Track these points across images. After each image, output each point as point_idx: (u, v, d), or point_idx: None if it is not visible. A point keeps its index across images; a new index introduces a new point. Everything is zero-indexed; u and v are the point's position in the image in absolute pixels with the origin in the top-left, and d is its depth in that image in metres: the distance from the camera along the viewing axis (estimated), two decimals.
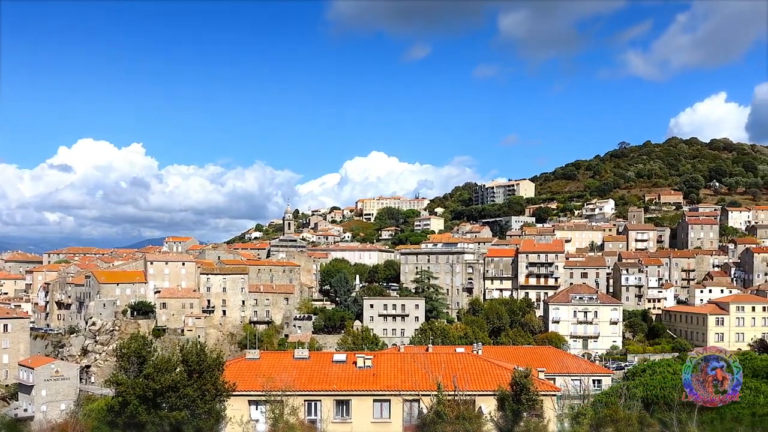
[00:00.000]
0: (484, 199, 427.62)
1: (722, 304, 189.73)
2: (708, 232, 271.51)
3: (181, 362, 52.26)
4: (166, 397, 49.25)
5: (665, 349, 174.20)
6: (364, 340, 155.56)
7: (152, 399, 49.42)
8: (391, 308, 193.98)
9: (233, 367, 61.44)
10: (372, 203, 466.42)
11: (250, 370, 61.59)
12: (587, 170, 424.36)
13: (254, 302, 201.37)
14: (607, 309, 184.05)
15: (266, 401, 55.27)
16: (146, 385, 49.47)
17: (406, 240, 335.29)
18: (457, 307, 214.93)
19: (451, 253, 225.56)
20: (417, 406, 57.36)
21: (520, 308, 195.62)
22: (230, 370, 58.83)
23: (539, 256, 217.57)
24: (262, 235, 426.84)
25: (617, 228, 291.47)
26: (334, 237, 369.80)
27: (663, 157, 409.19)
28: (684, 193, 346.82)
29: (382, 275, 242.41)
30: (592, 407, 61.45)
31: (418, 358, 63.99)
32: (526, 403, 53.78)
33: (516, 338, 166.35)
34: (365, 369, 62.10)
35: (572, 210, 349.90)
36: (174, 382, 49.67)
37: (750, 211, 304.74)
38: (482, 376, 61.28)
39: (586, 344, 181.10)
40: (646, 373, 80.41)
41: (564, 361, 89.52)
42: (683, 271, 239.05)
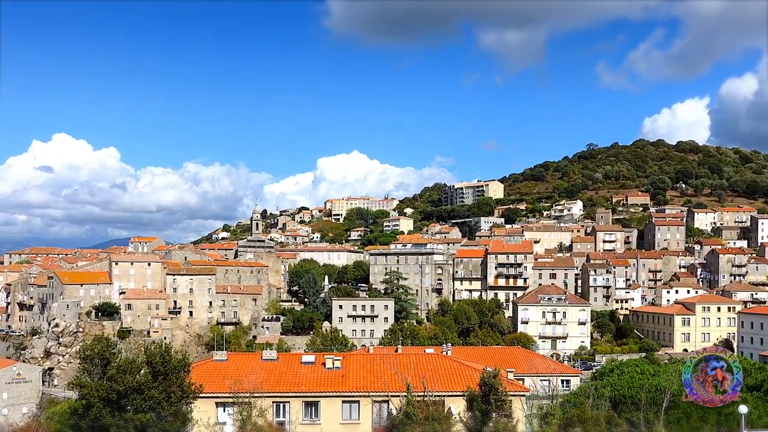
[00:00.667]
0: (453, 199, 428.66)
1: (688, 305, 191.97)
2: (674, 233, 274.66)
3: (146, 364, 51.25)
4: (131, 399, 48.22)
5: (633, 350, 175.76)
6: (333, 341, 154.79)
7: (116, 401, 48.34)
8: (361, 309, 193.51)
9: (200, 369, 60.60)
10: (341, 203, 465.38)
11: (217, 372, 60.74)
12: (556, 171, 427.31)
13: (221, 303, 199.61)
14: (575, 309, 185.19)
15: (234, 403, 54.50)
16: (110, 387, 48.36)
17: (375, 241, 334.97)
18: (427, 307, 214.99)
19: (420, 254, 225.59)
20: (386, 407, 57.03)
21: (489, 309, 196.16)
22: (197, 371, 57.92)
23: (508, 256, 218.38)
24: (229, 236, 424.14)
25: (585, 229, 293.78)
26: (303, 237, 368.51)
27: (630, 159, 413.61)
28: (651, 194, 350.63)
29: (351, 276, 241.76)
30: (561, 407, 61.53)
31: (387, 359, 63.61)
32: (494, 403, 53.59)
33: (485, 339, 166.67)
34: (334, 370, 61.60)
35: (541, 211, 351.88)
36: (139, 384, 48.65)
37: (715, 212, 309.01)
38: (451, 377, 61.18)
39: (555, 344, 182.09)
40: (614, 373, 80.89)
41: (533, 362, 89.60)
42: (650, 272, 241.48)
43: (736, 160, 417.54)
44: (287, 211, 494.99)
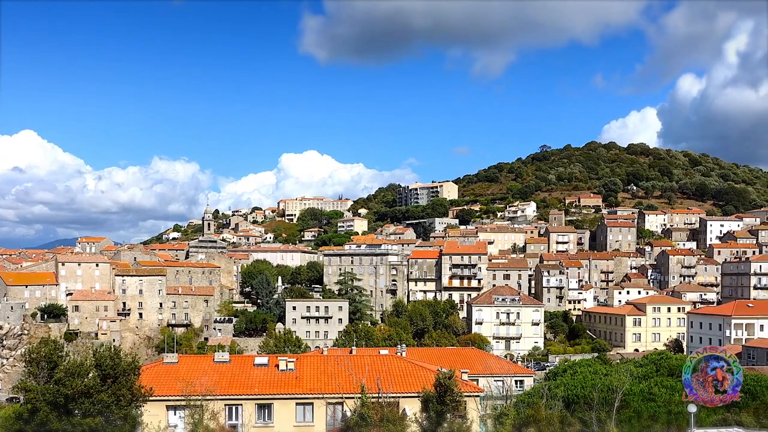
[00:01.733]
0: (407, 200, 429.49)
1: (639, 305, 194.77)
2: (626, 234, 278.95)
3: (95, 367, 50.09)
4: (79, 403, 47.12)
5: (585, 350, 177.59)
6: (287, 343, 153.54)
7: (64, 405, 47.18)
8: (314, 310, 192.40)
9: (150, 372, 59.50)
10: (294, 204, 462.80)
11: (168, 375, 59.73)
12: (510, 173, 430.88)
13: (172, 305, 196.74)
14: (529, 310, 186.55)
15: (185, 406, 53.55)
16: (57, 391, 47.13)
17: (329, 241, 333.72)
18: (381, 308, 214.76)
19: (374, 255, 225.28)
20: (340, 409, 56.73)
21: (443, 310, 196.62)
22: (147, 374, 56.86)
23: (462, 257, 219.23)
24: (180, 236, 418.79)
25: (539, 230, 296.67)
26: (256, 238, 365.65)
27: (583, 161, 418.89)
28: (603, 196, 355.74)
29: (304, 277, 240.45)
30: (515, 407, 61.74)
31: (341, 361, 63.30)
32: (449, 404, 53.60)
33: (440, 340, 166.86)
34: (288, 372, 60.98)
35: (495, 212, 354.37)
36: (87, 388, 47.53)
37: (665, 214, 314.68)
38: (406, 378, 61.09)
39: (509, 345, 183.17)
40: (567, 373, 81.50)
41: (487, 362, 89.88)
42: (602, 273, 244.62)
43: (685, 162, 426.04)
44: (239, 212, 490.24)
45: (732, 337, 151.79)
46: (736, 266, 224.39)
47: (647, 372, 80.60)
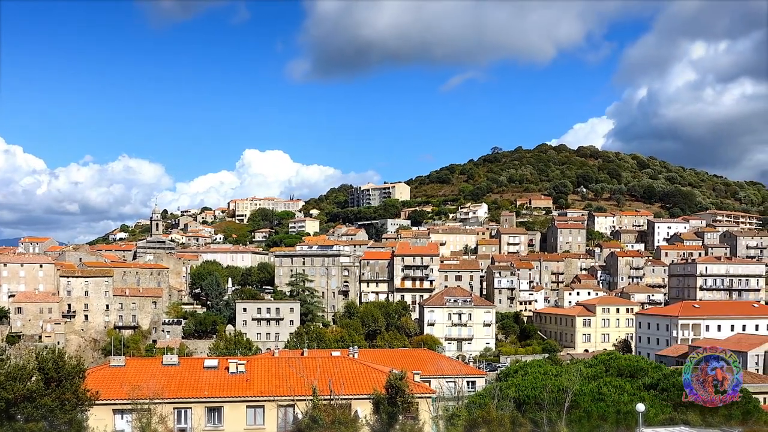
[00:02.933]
0: (359, 201, 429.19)
1: (589, 306, 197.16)
2: (576, 236, 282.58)
3: (38, 370, 48.82)
4: (21, 407, 45.88)
5: (536, 350, 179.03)
6: (237, 345, 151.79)
7: (5, 410, 45.92)
8: (265, 312, 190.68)
9: (96, 375, 58.45)
10: (245, 204, 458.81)
11: (114, 378, 58.75)
12: (461, 174, 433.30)
13: (119, 306, 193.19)
14: (480, 311, 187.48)
15: (132, 410, 52.88)
16: None
17: (280, 242, 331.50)
18: (333, 310, 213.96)
19: (326, 256, 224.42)
20: (292, 411, 56.50)
21: (395, 311, 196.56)
22: (93, 377, 55.82)
23: (415, 259, 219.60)
24: (127, 236, 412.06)
25: (490, 232, 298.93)
26: (205, 238, 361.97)
27: (534, 163, 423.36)
28: (553, 198, 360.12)
29: (255, 278, 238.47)
30: (466, 408, 61.71)
31: (292, 363, 62.96)
32: (401, 405, 53.59)
33: (392, 341, 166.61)
34: (238, 374, 60.49)
35: (447, 213, 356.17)
36: (30, 392, 46.36)
37: (614, 216, 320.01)
38: (358, 380, 61.20)
39: (461, 346, 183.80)
40: (518, 373, 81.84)
41: (439, 363, 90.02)
42: (553, 274, 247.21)
43: (634, 165, 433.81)
44: (189, 212, 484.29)
45: (679, 337, 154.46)
46: (682, 268, 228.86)
47: (597, 372, 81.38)
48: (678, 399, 70.68)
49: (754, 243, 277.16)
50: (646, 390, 73.65)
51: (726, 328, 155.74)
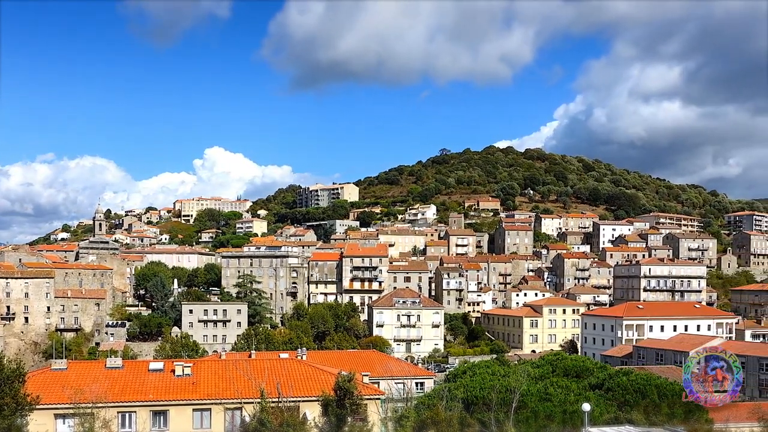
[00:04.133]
0: (308, 202, 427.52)
1: (536, 307, 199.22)
2: (523, 238, 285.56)
3: None
4: None
5: (484, 351, 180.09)
6: (183, 347, 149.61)
7: None
8: (212, 313, 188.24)
9: (37, 379, 57.15)
10: (191, 204, 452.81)
11: (56, 382, 57.31)
12: (410, 176, 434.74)
13: (61, 308, 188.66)
14: (429, 313, 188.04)
15: (74, 414, 51.69)
16: None
17: (227, 243, 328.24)
18: (281, 311, 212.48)
19: (274, 257, 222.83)
20: (239, 414, 55.91)
21: (344, 312, 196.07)
22: (33, 381, 54.69)
23: (363, 260, 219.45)
24: (69, 237, 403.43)
25: (439, 233, 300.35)
26: (150, 239, 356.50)
27: (482, 164, 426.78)
28: (501, 199, 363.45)
29: (202, 279, 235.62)
30: (415, 409, 61.77)
31: (240, 365, 62.15)
32: (350, 407, 53.56)
33: (341, 343, 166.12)
34: (184, 377, 59.50)
35: (396, 215, 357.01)
36: None
37: (561, 218, 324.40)
38: (306, 382, 60.69)
39: (410, 347, 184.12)
40: (467, 374, 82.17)
41: (388, 365, 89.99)
42: (500, 275, 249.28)
43: (579, 168, 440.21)
44: (133, 211, 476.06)
45: (623, 337, 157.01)
46: (627, 269, 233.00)
47: (544, 372, 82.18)
48: (622, 398, 71.89)
49: (695, 245, 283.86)
50: (591, 390, 74.56)
51: (669, 329, 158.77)
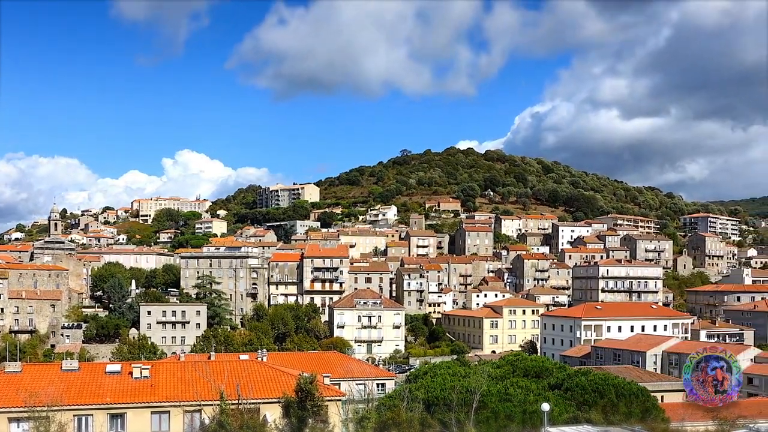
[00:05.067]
0: (268, 202, 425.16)
1: (496, 308, 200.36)
2: (483, 239, 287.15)
3: None
4: None
5: (445, 352, 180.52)
6: (142, 349, 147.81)
7: None
8: (171, 315, 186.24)
9: None
10: (149, 204, 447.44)
11: (10, 384, 56.22)
12: (371, 176, 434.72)
13: (15, 310, 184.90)
14: (390, 314, 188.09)
15: (29, 418, 50.59)
16: None
17: (186, 243, 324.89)
18: (241, 313, 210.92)
19: (234, 257, 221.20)
20: (198, 416, 55.32)
21: (305, 313, 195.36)
22: None
23: (324, 261, 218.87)
24: (24, 237, 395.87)
25: (400, 234, 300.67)
26: (108, 239, 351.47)
27: (442, 166, 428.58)
28: (462, 201, 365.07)
29: (160, 280, 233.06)
30: (376, 411, 61.66)
31: (199, 367, 61.56)
32: (311, 409, 53.38)
33: (301, 344, 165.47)
34: (142, 380, 58.74)
35: (356, 215, 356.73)
36: None
37: (521, 219, 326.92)
38: (267, 384, 60.40)
39: (371, 348, 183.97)
40: (427, 375, 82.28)
41: (349, 366, 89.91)
42: (461, 276, 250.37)
43: (539, 169, 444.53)
44: (90, 211, 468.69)
45: (582, 338, 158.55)
46: (585, 270, 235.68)
47: (504, 373, 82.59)
48: (581, 398, 72.59)
49: (652, 246, 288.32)
50: (551, 390, 75.14)
51: (626, 329, 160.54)
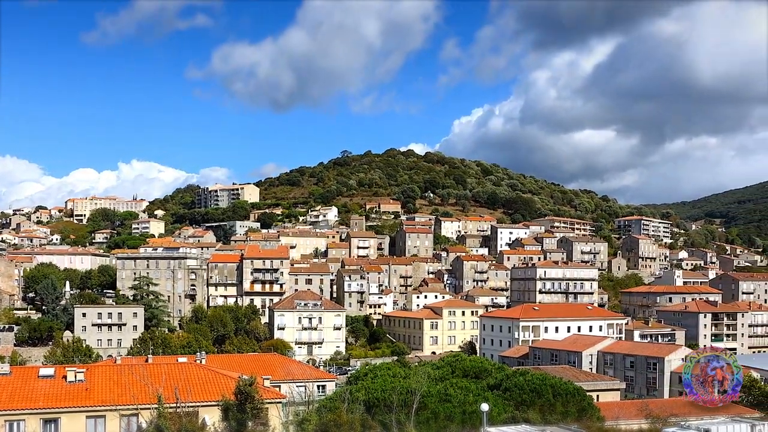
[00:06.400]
0: (207, 202, 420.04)
1: (436, 309, 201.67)
2: (423, 240, 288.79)
3: None
4: None
5: (385, 353, 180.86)
6: (76, 353, 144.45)
7: None
8: (107, 317, 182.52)
9: None
10: (84, 203, 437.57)
11: None
12: (311, 177, 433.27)
13: None
14: (331, 315, 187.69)
15: None
16: None
17: (123, 244, 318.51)
18: (180, 314, 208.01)
19: (172, 258, 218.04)
20: (135, 421, 54.47)
21: (245, 315, 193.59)
22: None
23: (264, 262, 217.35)
24: None
25: (340, 235, 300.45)
26: (40, 239, 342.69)
27: (383, 167, 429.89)
28: (402, 202, 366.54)
29: (96, 281, 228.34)
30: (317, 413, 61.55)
31: (136, 370, 60.69)
32: (250, 411, 53.16)
33: (241, 346, 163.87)
34: (77, 383, 57.62)
35: (297, 216, 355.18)
36: None
37: (460, 221, 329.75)
38: (206, 386, 59.95)
39: (311, 350, 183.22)
40: (368, 377, 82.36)
41: (289, 368, 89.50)
42: (401, 278, 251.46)
43: (478, 172, 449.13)
44: (21, 210, 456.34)
45: (520, 338, 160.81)
46: (523, 272, 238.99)
47: (443, 374, 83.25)
48: (519, 398, 73.63)
49: (587, 248, 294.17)
50: (490, 390, 75.95)
51: (563, 330, 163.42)
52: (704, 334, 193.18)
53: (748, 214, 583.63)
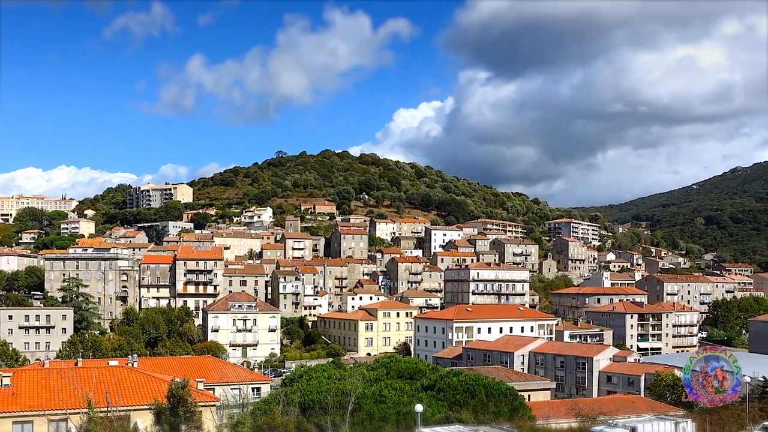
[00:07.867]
0: (139, 202, 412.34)
1: (371, 311, 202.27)
2: (359, 242, 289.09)
3: None
4: None
5: (321, 355, 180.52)
6: (2, 356, 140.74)
7: None
8: (34, 319, 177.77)
9: None
10: (10, 203, 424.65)
11: None
12: (246, 177, 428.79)
13: None
14: (265, 317, 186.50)
15: None
16: None
17: (51, 244, 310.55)
18: (111, 317, 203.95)
19: (102, 259, 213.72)
20: (65, 425, 53.63)
21: (178, 317, 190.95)
22: None
23: (198, 263, 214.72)
24: None
25: (275, 236, 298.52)
26: None
27: (318, 168, 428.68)
28: (337, 204, 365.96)
29: (23, 283, 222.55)
30: (252, 415, 61.56)
31: (65, 374, 59.66)
32: (184, 415, 52.77)
33: (174, 348, 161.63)
34: (3, 388, 56.45)
35: (231, 217, 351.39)
36: None
37: (395, 223, 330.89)
38: (138, 390, 59.36)
39: (246, 352, 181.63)
40: (303, 378, 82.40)
41: (223, 371, 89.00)
42: (337, 279, 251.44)
43: (412, 174, 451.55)
44: None
45: (454, 339, 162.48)
46: (457, 273, 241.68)
47: (378, 375, 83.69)
48: (452, 398, 74.64)
49: (519, 250, 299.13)
50: (424, 391, 76.71)
51: (495, 331, 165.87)
52: (631, 334, 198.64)
53: (672, 217, 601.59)
